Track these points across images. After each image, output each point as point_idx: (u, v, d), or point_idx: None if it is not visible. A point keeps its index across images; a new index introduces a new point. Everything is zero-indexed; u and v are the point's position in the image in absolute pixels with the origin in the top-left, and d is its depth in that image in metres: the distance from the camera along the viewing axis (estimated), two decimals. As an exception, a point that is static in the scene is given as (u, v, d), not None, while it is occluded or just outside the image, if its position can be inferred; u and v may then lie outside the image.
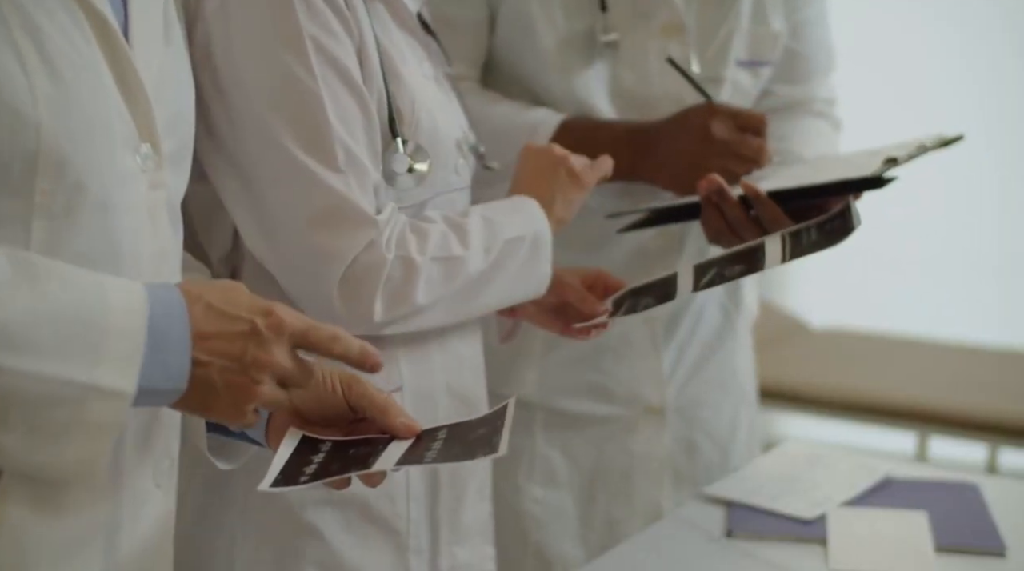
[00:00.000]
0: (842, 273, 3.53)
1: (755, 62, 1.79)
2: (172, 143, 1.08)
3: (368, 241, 1.29)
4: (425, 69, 1.42)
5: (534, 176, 1.48)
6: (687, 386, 1.85)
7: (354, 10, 1.31)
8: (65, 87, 0.96)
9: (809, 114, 1.89)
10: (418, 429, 1.10)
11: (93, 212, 0.99)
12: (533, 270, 1.43)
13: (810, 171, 1.64)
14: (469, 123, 1.50)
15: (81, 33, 0.99)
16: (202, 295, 0.99)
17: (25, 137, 0.94)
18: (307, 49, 1.27)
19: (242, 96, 1.26)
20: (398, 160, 1.34)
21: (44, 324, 0.92)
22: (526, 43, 1.71)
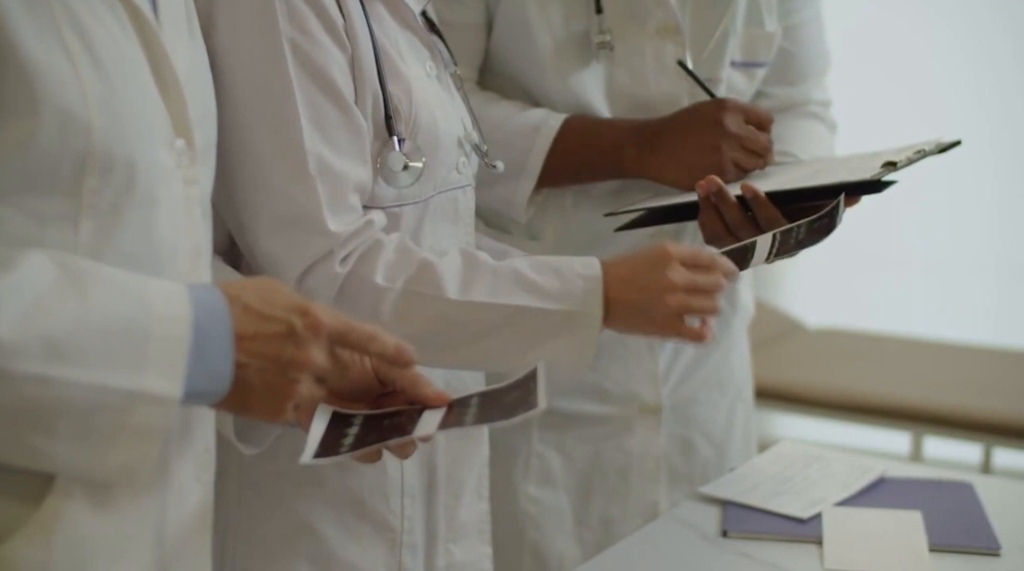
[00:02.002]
0: (837, 273, 3.54)
1: (749, 63, 1.79)
2: (202, 137, 1.09)
3: (322, 253, 1.29)
4: (428, 68, 1.42)
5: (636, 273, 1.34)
6: (683, 385, 1.85)
7: (348, 11, 1.31)
8: (112, 85, 0.97)
9: (805, 116, 1.90)
10: (449, 398, 1.11)
11: (138, 209, 1.00)
12: (556, 346, 1.33)
13: (808, 173, 1.64)
14: (474, 122, 1.50)
15: (122, 29, 1.00)
16: (240, 295, 0.99)
17: (75, 137, 0.95)
18: (285, 54, 1.27)
19: (223, 97, 1.26)
20: (394, 158, 1.34)
21: (90, 332, 0.93)
22: (523, 46, 1.71)
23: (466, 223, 1.48)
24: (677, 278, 1.32)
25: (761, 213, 1.54)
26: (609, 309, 1.33)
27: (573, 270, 1.34)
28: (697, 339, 1.35)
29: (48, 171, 0.95)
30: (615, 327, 1.35)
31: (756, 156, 1.66)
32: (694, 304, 1.33)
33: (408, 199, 1.37)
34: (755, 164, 1.66)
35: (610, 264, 1.35)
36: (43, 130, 0.93)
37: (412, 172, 1.35)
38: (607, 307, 1.33)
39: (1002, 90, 3.61)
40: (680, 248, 1.35)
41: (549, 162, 1.68)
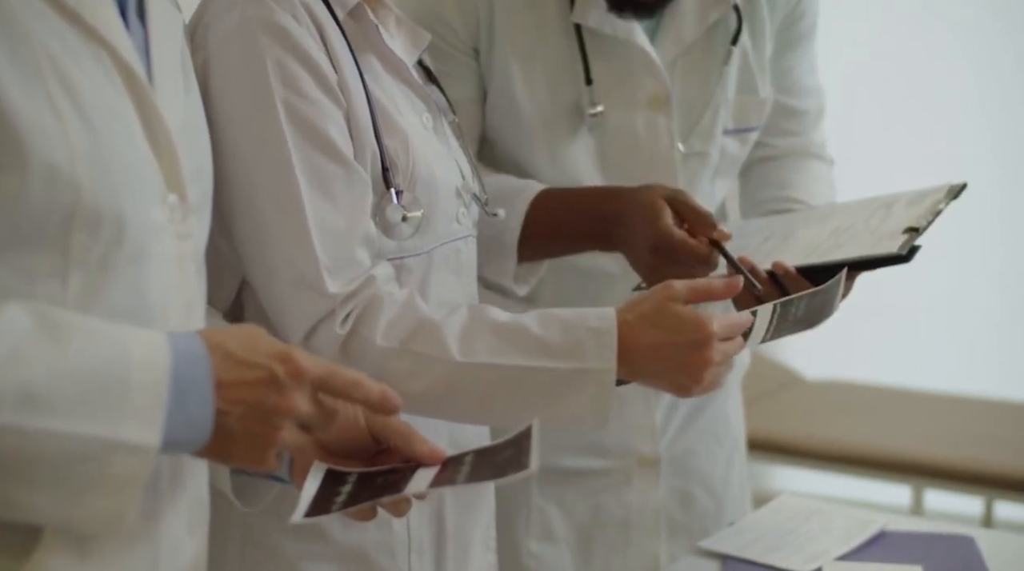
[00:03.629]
0: (835, 324, 3.52)
1: (742, 129, 1.79)
2: (196, 193, 1.09)
3: (323, 314, 1.28)
4: (424, 119, 1.42)
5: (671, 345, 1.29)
6: (680, 437, 1.84)
7: (341, 67, 1.32)
8: (100, 140, 0.97)
9: (805, 156, 1.90)
10: (444, 455, 1.11)
11: (127, 264, 1.00)
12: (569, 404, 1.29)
13: (829, 236, 1.61)
14: (473, 171, 1.49)
15: (111, 84, 1.00)
16: (222, 343, 0.99)
17: (63, 193, 0.95)
18: (279, 115, 1.27)
19: (221, 155, 1.26)
20: (392, 210, 1.34)
21: (67, 382, 0.92)
22: (511, 119, 1.70)
23: (468, 274, 1.48)
24: (717, 357, 1.29)
25: (792, 287, 1.52)
26: (626, 365, 1.29)
27: (584, 324, 1.29)
28: (712, 390, 1.34)
29: (36, 226, 0.95)
30: (630, 380, 1.31)
31: (699, 265, 1.52)
32: (722, 373, 1.32)
33: (410, 251, 1.37)
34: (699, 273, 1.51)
35: (632, 324, 1.29)
36: (30, 186, 0.93)
37: (411, 223, 1.35)
38: (623, 361, 1.28)
39: (1009, 137, 3.62)
40: (720, 323, 1.29)
41: (526, 237, 1.63)
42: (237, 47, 1.28)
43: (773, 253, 1.62)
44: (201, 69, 1.27)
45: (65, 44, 0.97)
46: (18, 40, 0.94)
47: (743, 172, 1.90)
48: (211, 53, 1.28)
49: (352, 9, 1.36)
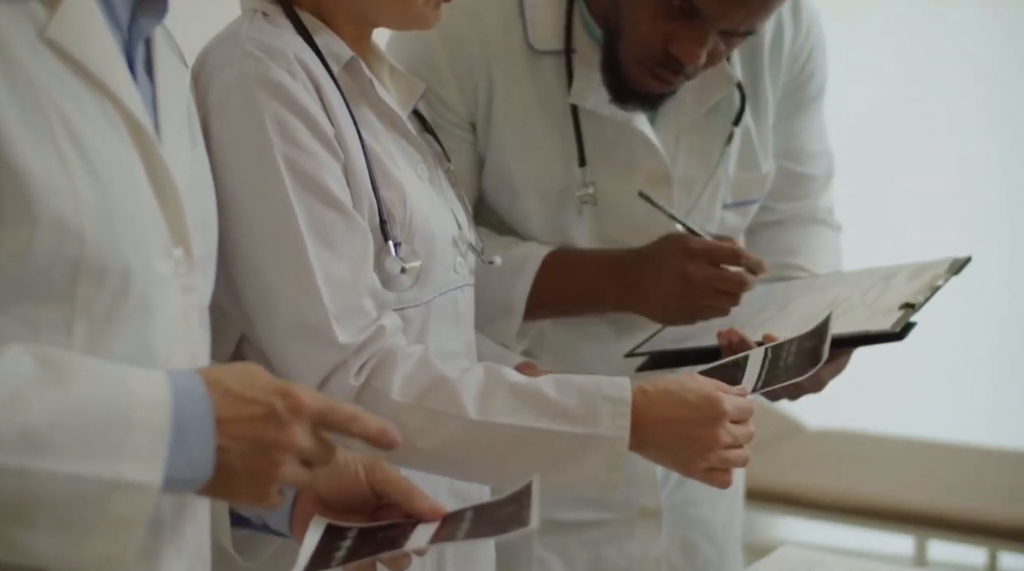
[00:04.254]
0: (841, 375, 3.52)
1: (742, 202, 1.79)
2: (201, 246, 1.10)
3: (335, 365, 1.28)
4: (420, 170, 1.42)
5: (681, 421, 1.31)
6: (681, 486, 1.83)
7: (337, 120, 1.33)
8: (107, 194, 0.98)
9: (812, 222, 1.89)
10: (444, 511, 1.11)
11: (131, 317, 1.00)
12: (579, 469, 1.29)
13: (825, 309, 1.60)
14: (469, 220, 1.50)
15: (119, 137, 1.01)
16: (220, 379, 0.99)
17: (69, 245, 0.95)
18: (280, 169, 1.28)
19: (225, 208, 1.27)
20: (391, 262, 1.34)
21: (68, 423, 0.92)
22: (508, 194, 1.71)
23: (466, 323, 1.48)
24: (725, 438, 1.30)
25: None
26: (638, 436, 1.30)
27: (600, 391, 1.30)
28: (721, 486, 1.34)
29: (42, 278, 0.95)
30: (638, 452, 1.32)
31: (730, 296, 1.61)
32: (730, 458, 1.32)
33: (409, 302, 1.37)
34: (727, 306, 1.62)
35: (648, 395, 1.31)
36: (38, 238, 0.94)
37: (410, 274, 1.36)
38: (636, 433, 1.29)
39: (1008, 195, 3.64)
40: (732, 403, 1.31)
41: (534, 297, 1.67)
42: (236, 103, 1.29)
43: (768, 324, 1.62)
44: (201, 125, 1.28)
45: (74, 97, 0.98)
46: (28, 93, 0.95)
47: (748, 235, 1.89)
48: (210, 110, 1.29)
49: (347, 63, 1.37)
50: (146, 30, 1.09)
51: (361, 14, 1.38)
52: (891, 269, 1.66)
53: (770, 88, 1.77)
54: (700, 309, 1.63)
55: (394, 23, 1.42)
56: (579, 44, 1.67)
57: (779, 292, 1.73)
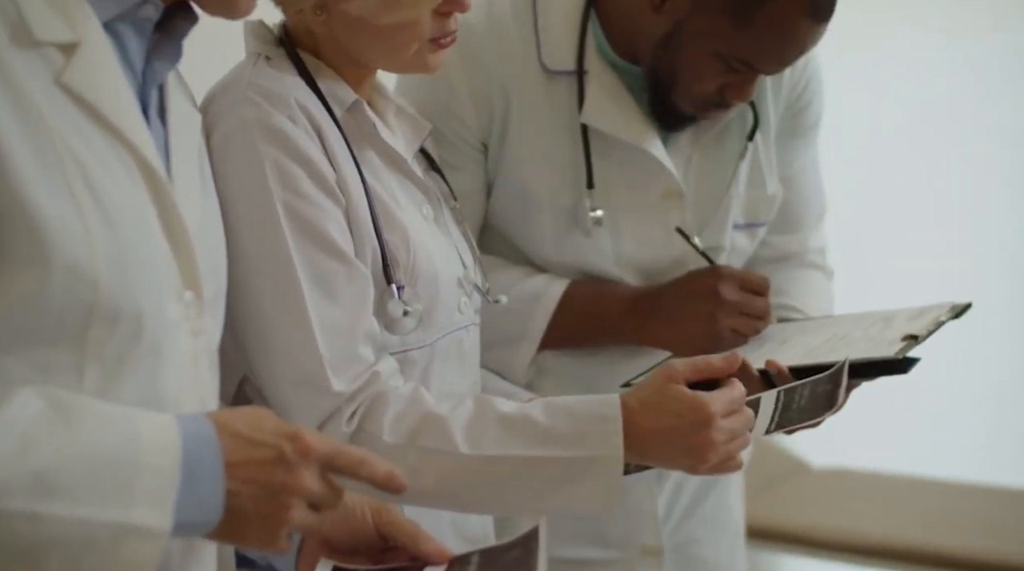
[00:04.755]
0: (841, 413, 3.51)
1: (751, 224, 1.82)
2: (211, 289, 1.11)
3: (329, 413, 1.29)
4: (425, 211, 1.43)
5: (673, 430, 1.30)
6: (683, 525, 1.83)
7: (339, 164, 1.33)
8: (120, 238, 0.99)
9: (804, 265, 1.91)
10: (451, 554, 1.11)
11: (142, 360, 1.01)
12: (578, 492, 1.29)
13: (826, 341, 1.64)
14: (475, 258, 1.51)
15: (132, 182, 1.02)
16: (229, 423, 0.99)
17: (82, 290, 0.96)
18: (279, 216, 1.29)
19: (228, 257, 1.27)
20: (393, 305, 1.35)
21: (78, 467, 0.93)
22: (520, 216, 1.73)
23: (471, 362, 1.48)
24: (719, 436, 1.30)
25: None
26: (632, 448, 1.29)
27: (590, 412, 1.30)
28: (732, 471, 1.34)
29: (54, 322, 0.96)
30: (641, 462, 1.32)
31: (754, 321, 1.68)
32: (732, 449, 1.32)
33: (413, 344, 1.38)
34: (753, 329, 1.68)
35: (633, 409, 1.30)
36: (51, 283, 0.95)
37: (413, 317, 1.36)
38: (630, 446, 1.29)
39: (1005, 237, 3.65)
40: (720, 401, 1.31)
41: (550, 329, 1.70)
42: (237, 149, 1.30)
43: (768, 356, 1.63)
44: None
45: (89, 142, 1.00)
46: (44, 138, 0.96)
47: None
48: (213, 154, 1.29)
49: (349, 106, 1.38)
50: (160, 75, 1.11)
51: (362, 58, 1.40)
52: (889, 312, 1.67)
53: (772, 110, 1.81)
54: (724, 331, 1.66)
55: (392, 67, 1.43)
56: (591, 65, 1.70)
57: (775, 332, 1.74)
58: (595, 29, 1.71)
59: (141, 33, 1.08)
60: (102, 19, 1.03)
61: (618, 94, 1.70)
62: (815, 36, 1.63)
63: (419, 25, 1.35)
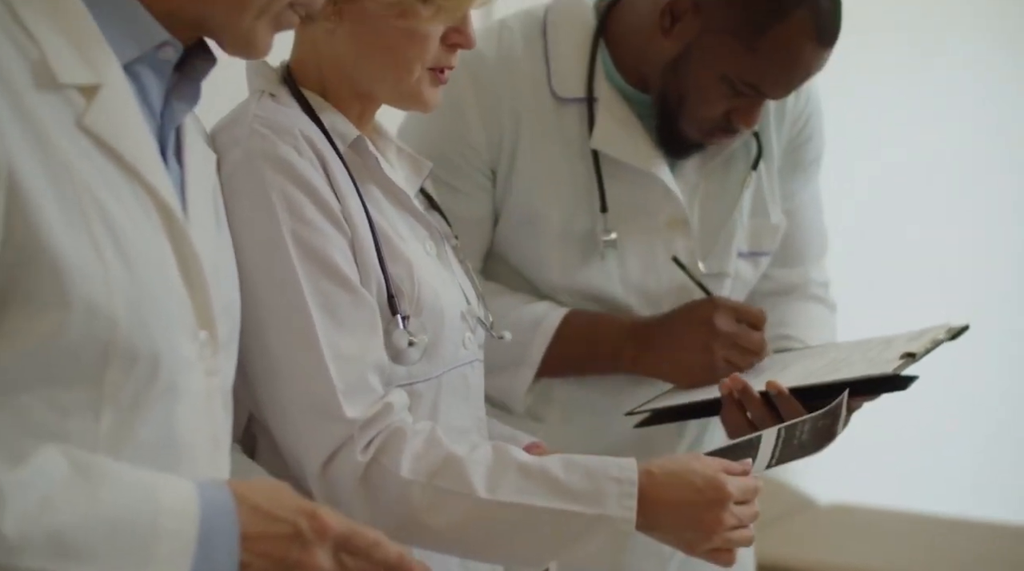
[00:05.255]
0: (847, 447, 3.51)
1: (755, 253, 1.83)
2: (225, 328, 1.12)
3: (342, 441, 1.29)
4: (427, 247, 1.44)
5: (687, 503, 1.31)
6: (690, 560, 1.83)
7: (343, 197, 1.34)
8: (137, 278, 1.00)
9: (806, 298, 1.92)
10: None
11: (158, 400, 1.02)
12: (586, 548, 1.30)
13: (826, 363, 1.66)
14: (477, 294, 1.52)
15: (149, 222, 1.03)
16: (248, 495, 1.00)
17: (100, 330, 0.97)
18: (287, 244, 1.29)
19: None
20: (398, 336, 1.35)
21: (97, 529, 0.93)
22: (528, 240, 1.75)
23: (476, 399, 1.49)
24: (729, 520, 1.32)
25: (785, 409, 1.55)
26: (644, 517, 1.31)
27: (607, 472, 1.31)
28: (725, 564, 1.34)
29: (72, 363, 0.97)
30: (644, 532, 1.33)
31: (749, 353, 1.69)
32: (735, 539, 1.33)
33: (419, 377, 1.38)
34: (747, 362, 1.69)
35: (654, 476, 1.32)
36: (70, 323, 0.96)
37: (418, 347, 1.36)
38: (643, 511, 1.30)
39: (1007, 267, 3.65)
40: (737, 486, 1.32)
41: (549, 355, 1.72)
42: (244, 180, 1.30)
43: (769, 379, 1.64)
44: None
45: (109, 183, 1.01)
46: (64, 180, 0.98)
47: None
48: (220, 187, 1.30)
49: (353, 142, 1.39)
50: (179, 116, 1.12)
51: (361, 89, 1.41)
52: (889, 337, 1.68)
53: (775, 141, 1.84)
54: (718, 362, 1.67)
55: (392, 99, 1.43)
56: (601, 92, 1.73)
57: (776, 360, 1.75)
58: (604, 57, 1.75)
59: (160, 75, 1.09)
60: (122, 61, 1.05)
61: (627, 121, 1.73)
62: (820, 60, 1.67)
63: (428, 41, 1.36)
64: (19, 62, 0.98)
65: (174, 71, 1.11)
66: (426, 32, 1.35)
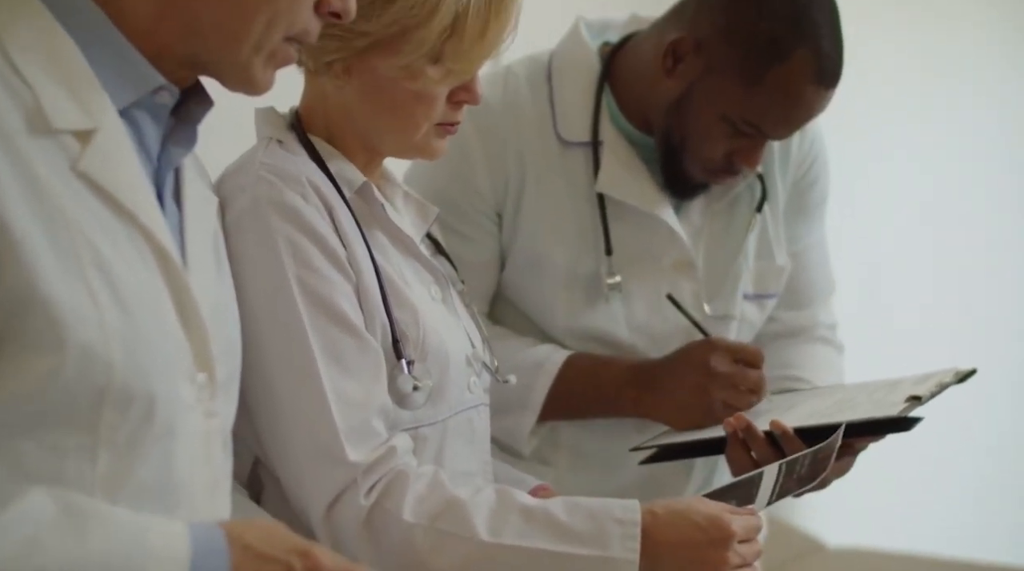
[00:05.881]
0: (858, 489, 3.49)
1: (761, 295, 1.83)
2: (224, 371, 1.12)
3: (345, 484, 1.29)
4: (433, 292, 1.45)
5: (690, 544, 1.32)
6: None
7: (349, 242, 1.35)
8: (134, 321, 1.00)
9: (814, 340, 1.92)
10: None
11: (156, 443, 1.02)
12: None
13: (831, 404, 1.65)
14: (483, 339, 1.52)
15: (146, 266, 1.03)
16: (242, 535, 1.00)
17: (96, 373, 0.97)
18: (293, 290, 1.30)
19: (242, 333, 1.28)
20: (403, 380, 1.35)
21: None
22: (535, 281, 1.75)
23: (482, 443, 1.49)
24: (733, 559, 1.32)
25: (789, 448, 1.54)
26: (647, 558, 1.30)
27: (610, 514, 1.31)
28: None
29: (68, 406, 0.97)
30: None
31: (747, 393, 1.68)
32: None
33: (425, 421, 1.38)
34: (746, 402, 1.68)
35: (658, 517, 1.32)
36: (66, 367, 0.96)
37: (423, 392, 1.37)
38: (646, 552, 1.30)
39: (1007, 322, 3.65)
40: (740, 525, 1.33)
41: (551, 398, 1.72)
42: (250, 226, 1.31)
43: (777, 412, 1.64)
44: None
45: (104, 228, 1.01)
46: (59, 224, 0.98)
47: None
48: (227, 233, 1.31)
49: (359, 188, 1.40)
50: (176, 160, 1.13)
51: (369, 141, 1.42)
52: (895, 379, 1.68)
53: (780, 184, 1.84)
54: (715, 404, 1.66)
55: (398, 153, 1.45)
56: (606, 136, 1.75)
57: (783, 400, 1.74)
58: (609, 101, 1.76)
59: (157, 119, 1.10)
60: (118, 106, 1.05)
61: (632, 163, 1.74)
62: (822, 101, 1.67)
63: (435, 101, 1.37)
64: (13, 107, 0.98)
65: (171, 115, 1.12)
66: (434, 93, 1.36)
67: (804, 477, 1.43)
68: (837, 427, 1.49)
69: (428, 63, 1.34)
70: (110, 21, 1.05)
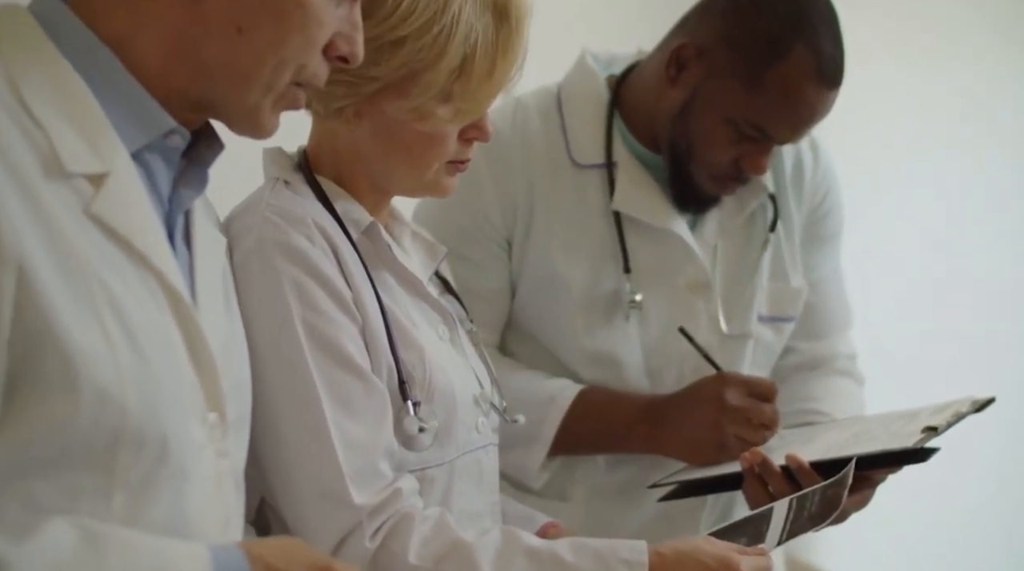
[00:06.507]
0: (873, 525, 3.47)
1: (777, 318, 1.83)
2: (235, 411, 1.12)
3: (350, 527, 1.28)
4: (440, 332, 1.44)
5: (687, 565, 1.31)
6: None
7: (355, 284, 1.35)
8: (147, 363, 1.00)
9: (834, 373, 1.92)
10: None
11: (168, 482, 1.02)
12: None
13: (848, 437, 1.65)
14: (492, 379, 1.51)
15: (158, 307, 1.04)
16: (262, 554, 1.00)
17: (111, 415, 0.97)
18: (299, 333, 1.30)
19: None
20: (409, 422, 1.35)
21: None
22: (549, 306, 1.76)
23: (490, 483, 1.48)
24: None
25: (806, 482, 1.54)
26: None
27: (617, 555, 1.30)
28: None
29: (83, 447, 0.97)
30: None
31: (760, 428, 1.68)
32: None
33: (432, 462, 1.38)
34: (759, 437, 1.68)
35: (664, 557, 1.31)
36: (81, 409, 0.96)
37: (429, 433, 1.36)
38: None
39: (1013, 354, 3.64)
40: (747, 564, 1.31)
41: (562, 432, 1.71)
42: (256, 268, 1.31)
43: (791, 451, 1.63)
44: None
45: (117, 270, 1.01)
46: (73, 268, 0.98)
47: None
48: (233, 275, 1.31)
49: (366, 228, 1.40)
50: (186, 202, 1.13)
51: (378, 182, 1.42)
52: (914, 409, 1.67)
53: (795, 209, 1.85)
54: (728, 439, 1.66)
55: (409, 192, 1.45)
56: (619, 157, 1.77)
57: (801, 433, 1.74)
58: (619, 125, 1.78)
59: (169, 162, 1.10)
60: (130, 149, 1.06)
61: (646, 182, 1.76)
62: (824, 101, 1.68)
63: (447, 140, 1.38)
64: (27, 150, 0.98)
65: (182, 157, 1.12)
66: (444, 133, 1.37)
67: (816, 514, 1.41)
68: (851, 460, 1.48)
69: (438, 104, 1.34)
70: (121, 64, 1.05)
